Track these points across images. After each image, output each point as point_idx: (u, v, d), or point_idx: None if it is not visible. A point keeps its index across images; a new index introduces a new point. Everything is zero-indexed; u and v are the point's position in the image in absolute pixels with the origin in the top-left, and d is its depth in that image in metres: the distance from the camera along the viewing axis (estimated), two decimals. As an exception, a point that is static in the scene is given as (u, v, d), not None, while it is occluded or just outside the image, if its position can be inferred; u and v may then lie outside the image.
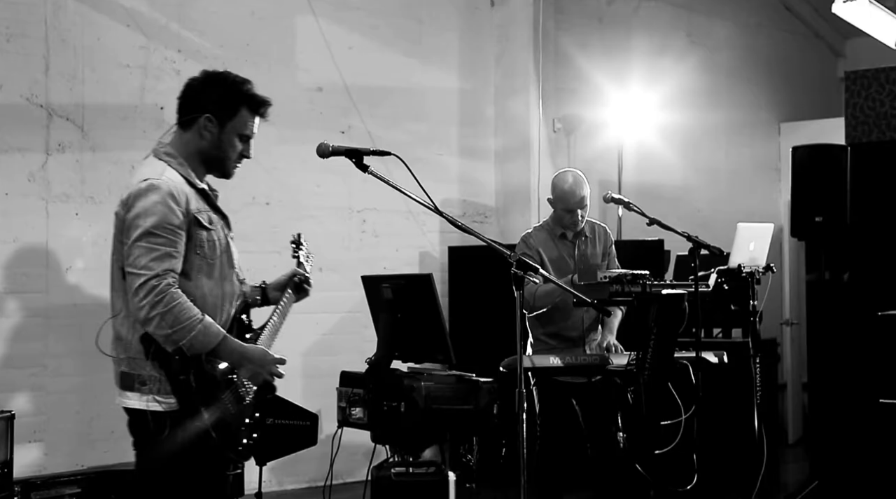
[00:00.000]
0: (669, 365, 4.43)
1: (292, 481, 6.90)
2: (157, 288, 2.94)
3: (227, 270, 3.19)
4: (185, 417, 2.99)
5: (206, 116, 3.15)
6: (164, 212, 2.98)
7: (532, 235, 4.89)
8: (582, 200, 4.74)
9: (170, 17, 6.52)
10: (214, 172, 3.26)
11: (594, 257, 4.83)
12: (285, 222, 7.02)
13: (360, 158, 3.33)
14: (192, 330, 2.97)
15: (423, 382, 4.30)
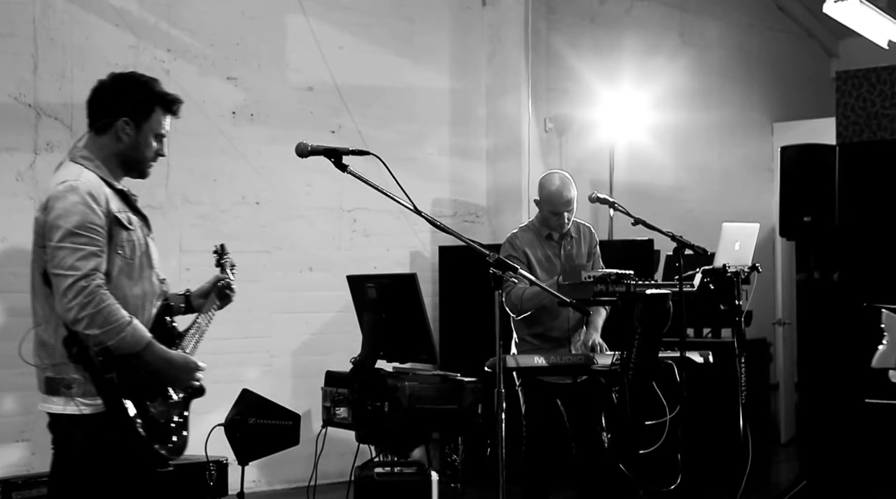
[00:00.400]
0: (654, 365, 4.43)
1: (281, 482, 6.90)
2: (87, 289, 2.94)
3: (147, 270, 3.19)
4: (112, 417, 2.98)
5: (123, 120, 3.15)
6: (85, 212, 2.99)
7: (518, 236, 4.89)
8: (569, 202, 4.74)
9: (159, 16, 6.52)
10: (132, 174, 3.26)
11: (579, 258, 4.83)
12: (275, 222, 7.02)
13: (338, 157, 3.33)
14: (121, 332, 2.97)
15: (407, 381, 4.29)
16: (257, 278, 6.94)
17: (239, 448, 4.36)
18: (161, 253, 6.53)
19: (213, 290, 3.54)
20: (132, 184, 6.61)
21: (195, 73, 6.65)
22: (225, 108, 6.80)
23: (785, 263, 8.96)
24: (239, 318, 6.89)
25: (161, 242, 6.43)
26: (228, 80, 6.81)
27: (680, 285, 4.36)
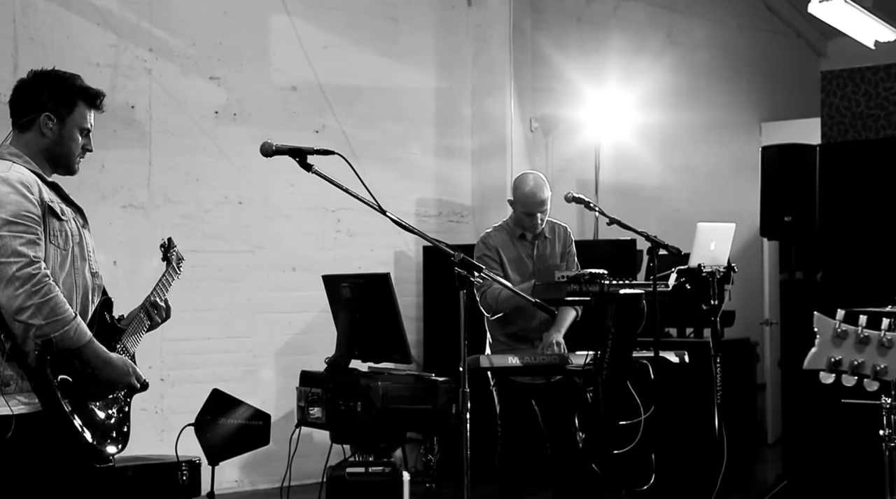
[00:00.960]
0: (628, 365, 4.42)
1: (264, 481, 6.88)
2: (36, 277, 2.89)
3: (80, 262, 3.13)
4: (51, 414, 2.94)
5: (45, 114, 3.14)
6: (19, 200, 2.96)
7: (491, 236, 4.88)
8: (542, 202, 4.73)
9: (141, 15, 6.51)
10: (59, 170, 3.23)
11: (553, 258, 4.82)
12: (258, 222, 7.01)
13: (303, 157, 3.31)
14: (65, 325, 2.93)
15: (380, 381, 4.29)
16: (240, 278, 6.94)
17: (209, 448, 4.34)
18: (143, 253, 6.57)
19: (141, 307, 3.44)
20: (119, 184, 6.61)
21: (177, 72, 6.65)
22: (207, 107, 6.79)
23: (772, 264, 8.96)
24: (221, 318, 6.90)
25: (143, 242, 6.52)
26: (211, 79, 6.80)
27: (654, 285, 4.35)
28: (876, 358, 2.21)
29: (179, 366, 6.66)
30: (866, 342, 2.23)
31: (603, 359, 4.32)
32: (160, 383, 6.54)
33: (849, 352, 2.23)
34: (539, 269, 4.76)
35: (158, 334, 6.71)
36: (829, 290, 6.38)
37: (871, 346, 2.23)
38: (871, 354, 2.21)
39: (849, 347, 2.23)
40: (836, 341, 2.24)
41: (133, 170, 6.49)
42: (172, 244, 3.70)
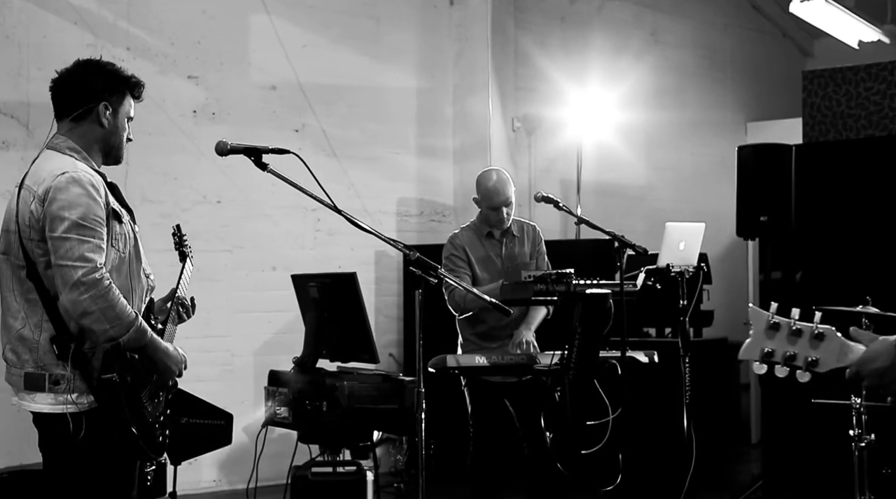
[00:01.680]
0: (595, 365, 4.42)
1: (242, 481, 6.86)
2: (101, 283, 2.91)
3: (136, 264, 3.16)
4: (107, 415, 2.96)
5: (103, 104, 3.14)
6: (90, 204, 2.96)
7: (459, 235, 4.88)
8: (506, 198, 4.72)
9: (118, 14, 6.50)
10: (109, 161, 3.25)
11: (521, 256, 4.81)
12: (237, 221, 7.01)
13: (258, 156, 3.30)
14: (130, 326, 2.96)
15: (346, 381, 4.28)
16: (219, 278, 6.93)
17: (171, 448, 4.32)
18: (119, 252, 6.54)
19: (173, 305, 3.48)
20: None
21: (155, 71, 6.64)
22: (186, 107, 6.78)
23: (757, 264, 8.95)
24: (199, 317, 6.77)
25: (120, 241, 6.48)
26: (189, 78, 6.79)
27: (621, 285, 4.34)
28: (808, 350, 2.23)
29: (157, 365, 6.65)
30: (798, 334, 2.25)
31: (570, 359, 4.31)
32: (137, 382, 6.52)
33: (781, 343, 2.25)
34: (508, 267, 4.75)
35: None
36: (807, 289, 6.37)
37: (804, 338, 2.25)
38: (804, 346, 2.23)
39: (782, 338, 2.25)
40: (769, 333, 2.26)
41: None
42: (182, 232, 3.73)
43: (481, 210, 4.81)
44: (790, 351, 2.24)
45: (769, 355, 2.26)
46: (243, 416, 6.57)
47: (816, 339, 2.23)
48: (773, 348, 2.26)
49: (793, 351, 2.24)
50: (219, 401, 6.82)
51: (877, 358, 2.05)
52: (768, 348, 2.26)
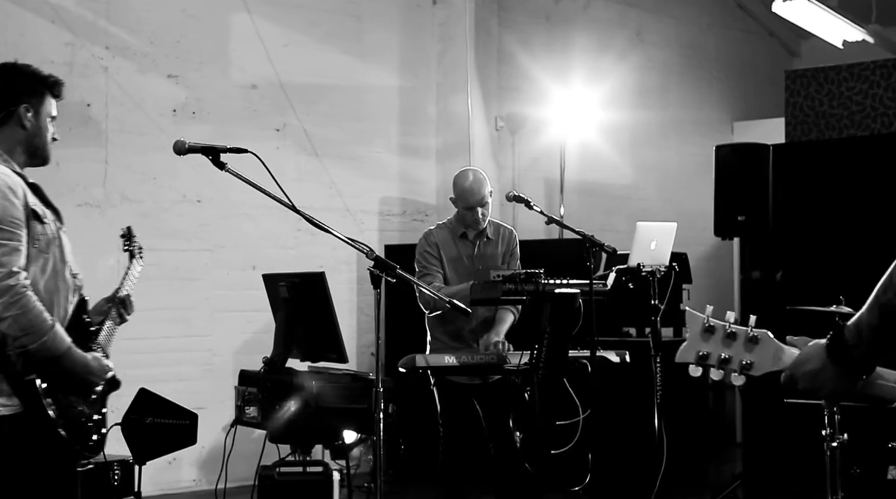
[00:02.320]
0: (564, 364, 4.41)
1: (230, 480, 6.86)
2: (14, 288, 2.89)
3: (60, 264, 3.13)
4: (31, 417, 2.95)
5: (24, 106, 3.13)
6: (6, 206, 2.95)
7: (433, 232, 4.87)
8: (482, 198, 4.71)
9: (97, 13, 6.49)
10: (35, 161, 3.24)
11: (494, 258, 4.79)
12: (217, 221, 7.00)
13: (216, 155, 3.31)
14: (43, 335, 2.94)
15: (314, 381, 4.28)
16: (199, 277, 6.93)
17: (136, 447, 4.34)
18: (99, 252, 6.57)
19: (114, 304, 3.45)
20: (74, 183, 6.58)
21: (134, 70, 6.63)
22: (165, 106, 6.78)
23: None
24: (180, 316, 6.89)
25: (98, 240, 6.50)
26: (169, 77, 6.79)
27: (590, 284, 4.33)
28: (743, 353, 2.21)
29: (136, 365, 6.61)
30: (733, 338, 2.23)
31: (539, 358, 4.30)
32: (116, 381, 6.52)
33: (717, 346, 2.23)
34: (479, 269, 4.74)
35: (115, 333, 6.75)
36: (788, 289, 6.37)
37: (739, 341, 2.23)
38: (738, 349, 2.22)
39: (717, 341, 2.24)
40: (704, 336, 2.25)
41: (89, 168, 6.48)
42: (132, 233, 3.71)
43: (457, 209, 4.80)
44: (725, 354, 2.23)
45: (704, 358, 2.25)
46: (224, 416, 6.55)
47: (751, 342, 2.23)
48: (708, 351, 2.24)
49: (728, 354, 2.23)
50: (199, 401, 6.85)
51: (809, 360, 2.05)
52: (703, 351, 2.25)
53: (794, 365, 2.08)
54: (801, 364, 2.05)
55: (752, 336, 2.19)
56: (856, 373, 1.97)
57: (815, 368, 2.01)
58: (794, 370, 2.06)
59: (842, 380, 1.98)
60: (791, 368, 2.09)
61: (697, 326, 2.21)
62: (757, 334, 2.18)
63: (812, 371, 2.02)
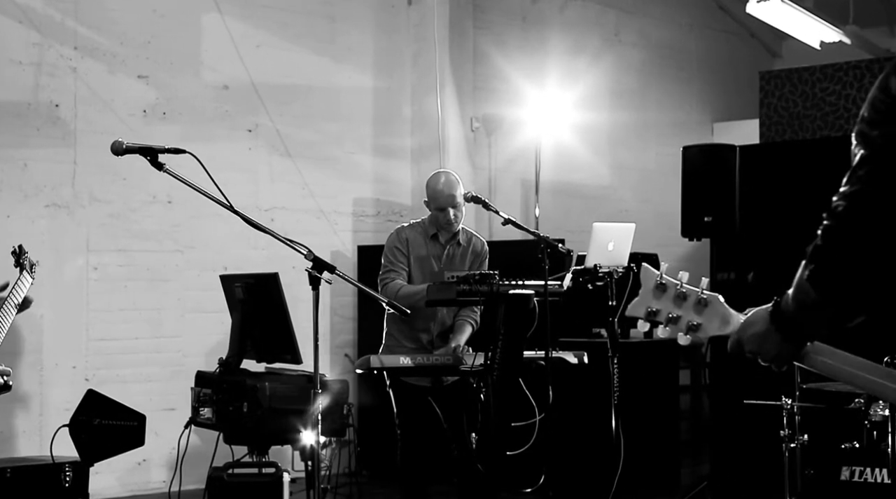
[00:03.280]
0: (519, 365, 4.40)
1: (195, 481, 6.84)
2: None
3: None
4: None
5: None
6: None
7: (405, 230, 4.87)
8: (453, 198, 4.71)
9: (66, 13, 6.48)
10: None
11: (461, 264, 4.78)
12: (188, 221, 6.98)
13: (154, 156, 3.31)
14: None
15: (268, 382, 4.27)
16: (170, 278, 6.91)
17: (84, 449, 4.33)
18: (67, 253, 6.55)
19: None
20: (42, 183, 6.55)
21: (104, 71, 6.62)
22: (135, 106, 6.76)
23: (719, 264, 8.93)
24: (150, 317, 6.87)
25: (67, 241, 6.49)
26: (139, 78, 6.77)
27: (545, 286, 4.32)
28: (692, 314, 2.20)
29: (105, 366, 6.64)
30: (684, 298, 2.22)
31: (493, 359, 4.29)
32: (84, 383, 6.50)
33: (667, 304, 2.22)
34: (449, 270, 4.73)
35: (84, 334, 6.75)
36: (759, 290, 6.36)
37: (689, 302, 2.22)
38: (688, 310, 2.21)
39: (668, 299, 2.23)
40: (656, 293, 2.24)
41: (57, 169, 6.46)
42: (24, 250, 3.72)
43: (430, 210, 4.81)
44: (674, 313, 2.21)
45: (654, 314, 2.23)
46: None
47: (700, 304, 2.21)
48: (658, 308, 2.22)
49: (677, 313, 2.21)
50: (170, 401, 6.84)
51: (754, 324, 2.07)
52: (654, 307, 2.23)
53: (740, 328, 2.09)
54: (747, 328, 2.06)
55: (703, 298, 2.17)
56: (797, 339, 1.99)
57: (760, 332, 2.02)
58: (740, 334, 2.08)
59: (784, 345, 2.00)
60: (738, 332, 2.10)
61: (650, 282, 2.20)
62: (707, 297, 2.18)
63: (757, 335, 2.03)
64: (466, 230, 4.90)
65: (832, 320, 1.94)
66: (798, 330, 1.97)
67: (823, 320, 1.94)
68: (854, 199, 1.80)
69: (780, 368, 2.08)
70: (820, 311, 1.90)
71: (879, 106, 1.78)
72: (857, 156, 1.83)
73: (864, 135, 1.80)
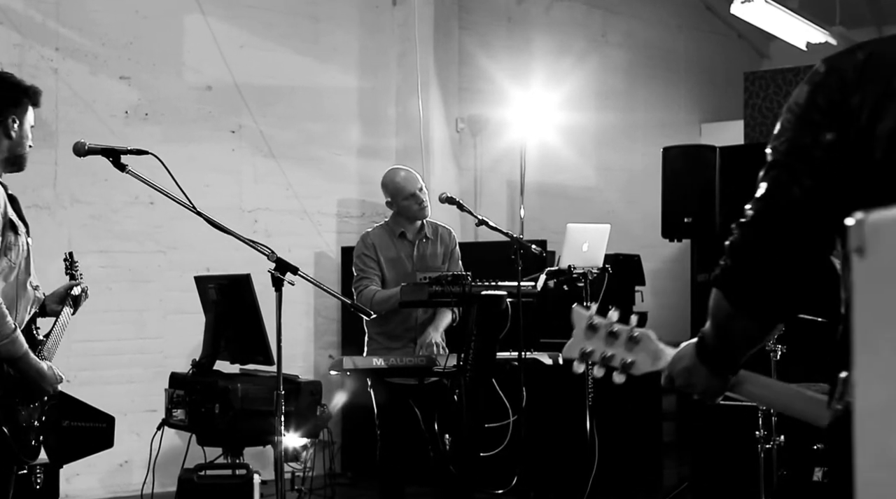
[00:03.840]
0: (492, 366, 4.39)
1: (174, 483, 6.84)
2: None
3: (24, 275, 3.21)
4: None
5: (11, 117, 3.16)
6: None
7: (371, 234, 4.87)
8: (417, 181, 4.74)
9: (47, 14, 6.47)
10: (13, 169, 3.29)
11: (434, 259, 4.79)
12: (170, 222, 6.97)
13: (116, 157, 3.31)
14: (5, 338, 3.03)
15: (239, 383, 4.26)
16: (152, 279, 6.91)
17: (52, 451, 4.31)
18: (48, 254, 6.53)
19: (68, 296, 3.55)
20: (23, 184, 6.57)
21: (85, 72, 6.61)
22: (117, 107, 6.75)
23: (705, 265, 8.93)
24: (132, 318, 6.86)
25: (48, 242, 6.48)
26: (121, 79, 6.76)
27: (518, 286, 4.32)
28: (624, 353, 2.24)
29: (89, 367, 6.63)
30: (616, 336, 2.26)
31: (466, 360, 4.29)
32: (66, 384, 6.47)
33: (599, 344, 2.26)
34: (419, 269, 4.73)
35: (67, 335, 6.71)
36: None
37: (621, 340, 2.26)
38: (620, 348, 2.25)
39: (600, 339, 2.27)
40: (588, 333, 2.27)
41: (38, 170, 6.44)
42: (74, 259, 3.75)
43: (397, 207, 4.80)
44: (608, 352, 2.26)
45: (588, 355, 2.28)
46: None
47: (631, 342, 2.25)
48: (592, 349, 2.27)
49: (610, 352, 2.26)
50: (152, 403, 6.82)
51: (683, 358, 2.09)
52: (587, 348, 2.28)
53: (670, 364, 2.10)
54: (677, 363, 2.07)
55: (633, 336, 2.20)
56: (722, 371, 1.99)
57: (688, 367, 2.03)
58: (671, 369, 2.09)
59: (711, 379, 2.00)
60: (668, 367, 2.10)
61: (582, 323, 2.23)
62: (638, 334, 2.19)
63: (685, 369, 2.04)
64: (430, 223, 4.89)
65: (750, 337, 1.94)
66: (722, 361, 1.97)
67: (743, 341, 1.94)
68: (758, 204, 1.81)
69: (712, 401, 2.09)
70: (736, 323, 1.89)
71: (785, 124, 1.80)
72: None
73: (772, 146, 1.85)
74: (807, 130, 1.74)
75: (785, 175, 1.77)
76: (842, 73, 1.74)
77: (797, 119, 1.77)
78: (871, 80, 1.70)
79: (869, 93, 1.69)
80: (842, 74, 1.73)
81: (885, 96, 1.68)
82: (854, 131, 1.69)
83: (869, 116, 1.67)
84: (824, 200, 1.74)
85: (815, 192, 1.74)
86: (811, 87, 1.77)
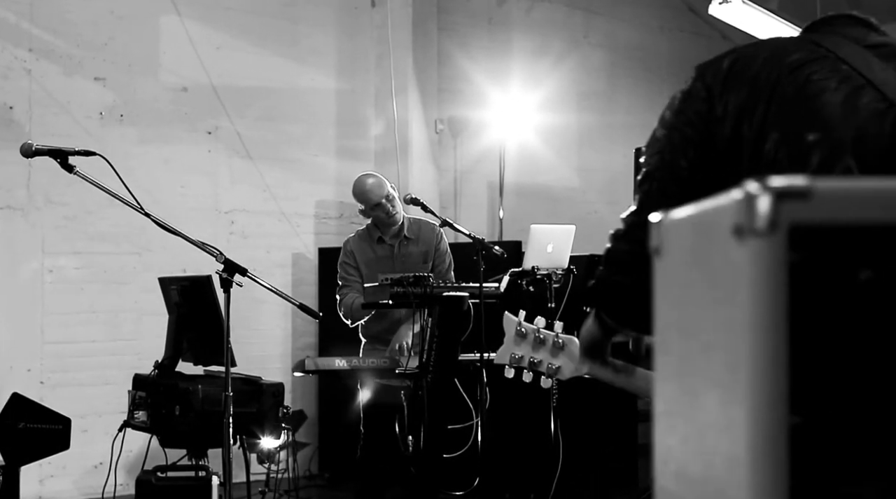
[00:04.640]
0: (454, 368, 4.39)
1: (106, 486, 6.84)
2: None
3: None
4: None
5: None
6: None
7: (350, 241, 4.93)
8: (381, 188, 4.76)
9: (20, 15, 6.47)
10: None
11: (415, 257, 4.80)
12: (146, 223, 6.86)
13: (64, 158, 3.30)
14: None
15: (201, 385, 4.25)
16: (127, 280, 6.90)
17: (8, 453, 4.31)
18: (22, 255, 6.53)
19: None
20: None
21: (60, 73, 6.61)
22: (92, 108, 6.75)
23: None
24: (107, 320, 6.85)
25: (22, 244, 6.46)
26: (96, 80, 6.76)
27: (480, 287, 4.31)
28: (550, 357, 2.37)
29: (61, 369, 6.62)
30: (543, 342, 2.40)
31: (428, 361, 4.28)
32: (39, 385, 6.49)
33: (528, 350, 2.39)
34: (400, 272, 4.73)
35: (39, 337, 6.74)
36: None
37: (547, 346, 2.39)
38: (547, 353, 2.38)
39: (528, 345, 2.40)
40: (517, 340, 2.41)
41: (10, 171, 6.44)
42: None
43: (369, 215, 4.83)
44: (535, 358, 2.39)
45: (518, 361, 2.40)
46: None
47: (556, 347, 2.39)
48: (521, 354, 2.41)
49: (538, 358, 2.39)
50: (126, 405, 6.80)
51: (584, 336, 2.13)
52: (517, 354, 2.42)
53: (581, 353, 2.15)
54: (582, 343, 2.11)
55: (558, 342, 2.31)
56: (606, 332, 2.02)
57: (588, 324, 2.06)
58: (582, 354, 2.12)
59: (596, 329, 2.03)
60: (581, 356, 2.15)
61: (511, 329, 2.33)
62: (563, 340, 2.31)
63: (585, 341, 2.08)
64: (413, 221, 4.89)
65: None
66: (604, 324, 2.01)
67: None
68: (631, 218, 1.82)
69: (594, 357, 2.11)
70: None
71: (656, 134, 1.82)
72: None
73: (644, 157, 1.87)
74: (675, 144, 1.76)
75: (656, 189, 1.78)
76: (706, 81, 1.75)
77: (668, 131, 1.78)
78: (732, 88, 1.71)
79: (731, 101, 1.70)
80: (707, 83, 1.75)
81: (747, 103, 1.69)
82: (721, 140, 1.70)
83: (733, 125, 1.69)
84: None
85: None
86: (682, 97, 1.79)
